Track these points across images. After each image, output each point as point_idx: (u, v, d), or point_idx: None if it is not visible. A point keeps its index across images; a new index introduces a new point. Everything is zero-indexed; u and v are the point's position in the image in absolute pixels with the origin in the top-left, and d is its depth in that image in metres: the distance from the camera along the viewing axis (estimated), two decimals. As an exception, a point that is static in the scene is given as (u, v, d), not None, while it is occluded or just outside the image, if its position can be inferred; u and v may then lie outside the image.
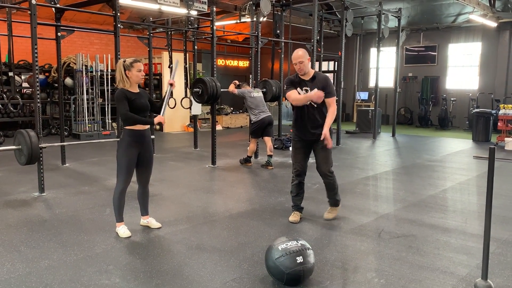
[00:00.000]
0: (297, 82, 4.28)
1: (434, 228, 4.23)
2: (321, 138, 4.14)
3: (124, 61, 3.77)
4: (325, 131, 4.14)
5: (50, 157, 7.51)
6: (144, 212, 4.19)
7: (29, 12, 5.12)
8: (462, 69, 14.79)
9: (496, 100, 12.80)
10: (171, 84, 4.08)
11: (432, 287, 3.00)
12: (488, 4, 12.30)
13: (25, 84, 11.13)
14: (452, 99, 14.25)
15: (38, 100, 5.31)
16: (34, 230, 4.04)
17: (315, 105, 4.19)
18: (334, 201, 4.48)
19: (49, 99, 11.32)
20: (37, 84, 5.28)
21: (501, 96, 13.22)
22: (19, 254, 3.47)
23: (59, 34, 6.64)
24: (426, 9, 14.29)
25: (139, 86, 3.93)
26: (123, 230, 3.90)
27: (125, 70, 3.74)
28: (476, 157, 8.52)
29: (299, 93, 4.22)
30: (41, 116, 5.33)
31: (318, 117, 4.24)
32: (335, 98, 4.27)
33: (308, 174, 4.51)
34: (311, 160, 4.42)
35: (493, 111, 11.28)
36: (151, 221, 4.16)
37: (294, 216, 4.41)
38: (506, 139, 9.71)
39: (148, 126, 3.91)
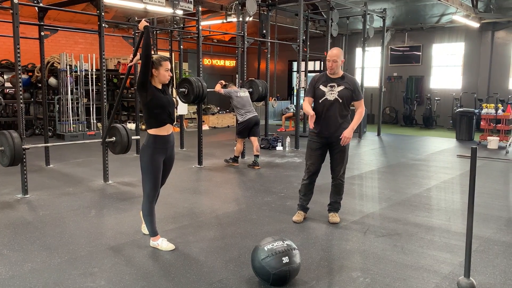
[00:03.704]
0: (321, 80, 4.26)
1: (419, 227, 4.29)
2: (341, 137, 4.12)
3: (152, 57, 3.46)
4: (348, 133, 4.10)
5: (33, 158, 7.41)
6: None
7: (11, 11, 5.04)
8: (446, 69, 14.99)
9: (479, 100, 13.00)
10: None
11: (416, 285, 3.04)
12: (471, 5, 12.49)
13: (7, 84, 10.96)
14: (436, 98, 14.43)
15: (21, 100, 5.23)
16: (17, 233, 3.98)
17: (340, 101, 4.16)
18: (338, 206, 4.43)
19: (32, 99, 11.15)
20: (20, 84, 5.20)
21: (484, 96, 13.44)
22: (2, 258, 3.41)
23: (42, 33, 6.56)
24: (410, 10, 14.45)
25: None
26: (165, 244, 3.61)
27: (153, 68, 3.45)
28: (459, 156, 8.65)
29: (323, 90, 4.20)
30: (24, 117, 5.26)
31: (339, 117, 4.20)
32: (362, 101, 4.28)
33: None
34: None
35: (476, 111, 11.46)
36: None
37: (298, 216, 4.41)
38: (488, 138, 9.87)
39: (172, 130, 3.63)
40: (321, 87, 4.22)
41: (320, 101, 4.21)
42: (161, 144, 3.54)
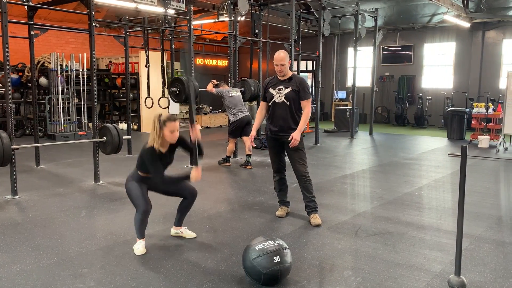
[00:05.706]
0: (272, 83, 4.41)
1: (410, 226, 4.30)
2: (289, 139, 4.19)
3: (160, 116, 3.46)
4: (296, 135, 4.18)
5: (24, 158, 7.34)
6: (179, 222, 3.96)
7: (-1, 10, 4.99)
8: (437, 68, 15.07)
9: (470, 99, 13.09)
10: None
11: (407, 284, 3.04)
12: (462, 5, 12.56)
13: (-3, 84, 10.84)
14: (427, 98, 14.51)
15: (10, 100, 5.18)
16: (6, 234, 3.94)
17: (288, 103, 4.26)
18: (314, 205, 4.40)
19: (23, 99, 11.05)
20: (9, 83, 5.15)
21: (475, 95, 13.52)
22: (-10, 259, 3.38)
23: (32, 32, 6.49)
24: (402, 9, 14.51)
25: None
26: (137, 246, 3.55)
27: (160, 128, 3.45)
28: (451, 155, 8.70)
29: (272, 93, 4.35)
30: (14, 117, 5.21)
31: (288, 119, 4.29)
32: (309, 100, 4.33)
33: (290, 173, 4.52)
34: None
35: (467, 110, 11.53)
36: (184, 231, 3.95)
37: (280, 211, 4.58)
38: (479, 137, 9.93)
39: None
40: (270, 89, 4.39)
41: (270, 103, 4.39)
42: (146, 180, 3.65)
